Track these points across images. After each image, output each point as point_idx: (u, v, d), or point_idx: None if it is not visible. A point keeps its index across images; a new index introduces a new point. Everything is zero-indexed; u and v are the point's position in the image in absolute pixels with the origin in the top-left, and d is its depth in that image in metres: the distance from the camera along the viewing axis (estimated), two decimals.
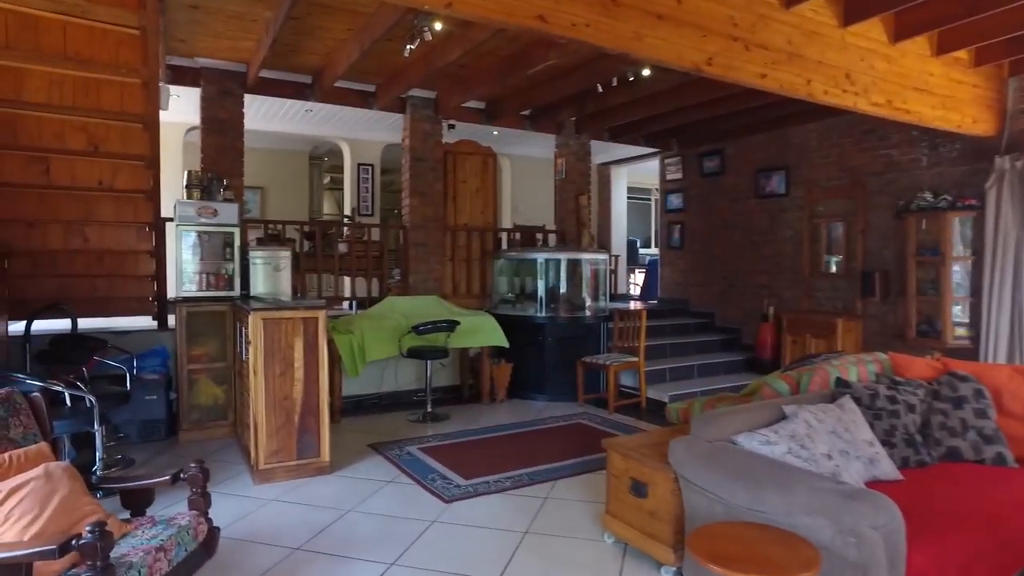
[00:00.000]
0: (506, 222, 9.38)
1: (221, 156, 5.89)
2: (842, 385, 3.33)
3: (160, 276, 5.09)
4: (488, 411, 6.38)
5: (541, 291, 7.10)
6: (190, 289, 5.31)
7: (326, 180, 13.10)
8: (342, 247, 6.96)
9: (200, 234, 5.36)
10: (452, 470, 4.54)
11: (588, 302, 7.22)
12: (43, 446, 2.56)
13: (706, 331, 8.48)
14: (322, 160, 12.74)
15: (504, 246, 7.91)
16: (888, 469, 2.88)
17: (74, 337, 4.57)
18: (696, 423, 2.95)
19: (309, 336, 4.35)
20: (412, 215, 6.81)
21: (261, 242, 6.44)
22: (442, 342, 6.20)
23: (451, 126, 7.32)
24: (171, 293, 5.53)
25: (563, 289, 7.09)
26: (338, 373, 5.90)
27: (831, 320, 6.65)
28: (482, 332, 6.48)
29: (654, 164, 10.81)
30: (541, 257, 7.13)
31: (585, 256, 7.23)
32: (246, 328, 4.42)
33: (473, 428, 5.71)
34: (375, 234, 7.05)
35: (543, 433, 5.59)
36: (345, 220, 7.81)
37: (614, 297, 7.69)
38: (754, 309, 7.98)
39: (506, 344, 6.59)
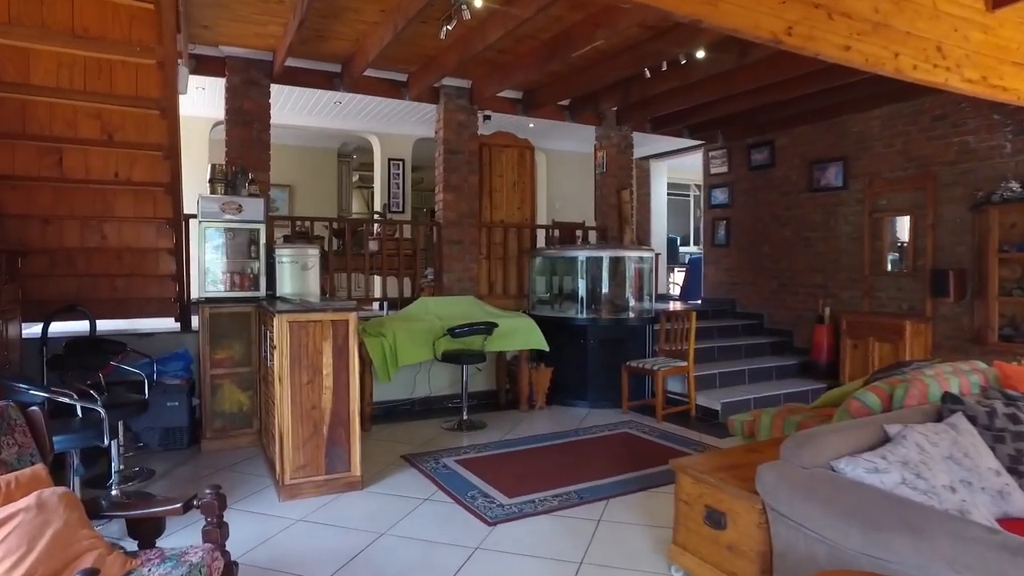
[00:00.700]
0: (542, 219, 8.98)
1: (246, 149, 5.60)
2: (952, 401, 2.87)
3: (182, 276, 4.80)
4: (527, 419, 5.99)
5: (582, 291, 6.70)
6: (214, 289, 5.02)
7: (355, 179, 12.84)
8: (372, 245, 6.64)
9: (224, 231, 5.07)
10: (493, 486, 4.16)
11: (632, 303, 6.79)
12: (38, 469, 2.23)
13: (755, 333, 8.00)
14: (351, 158, 12.48)
15: (541, 244, 7.51)
16: (1023, 504, 2.43)
17: (91, 340, 4.29)
18: (788, 446, 2.53)
19: (339, 340, 4.00)
20: (446, 211, 6.46)
21: (288, 240, 6.14)
22: (479, 345, 5.84)
23: (487, 117, 6.95)
24: (195, 293, 5.25)
25: (605, 289, 6.68)
26: (369, 378, 5.56)
27: (898, 322, 6.13)
28: (521, 334, 6.09)
29: (694, 158, 10.33)
30: (582, 255, 6.72)
31: (629, 254, 6.80)
32: (271, 331, 4.09)
33: (513, 438, 5.33)
34: (407, 231, 6.71)
35: (588, 444, 5.19)
36: (375, 216, 7.50)
37: (655, 298, 7.28)
38: (807, 310, 7.48)
39: (546, 347, 6.20)
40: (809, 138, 7.46)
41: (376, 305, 6.72)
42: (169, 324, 5.45)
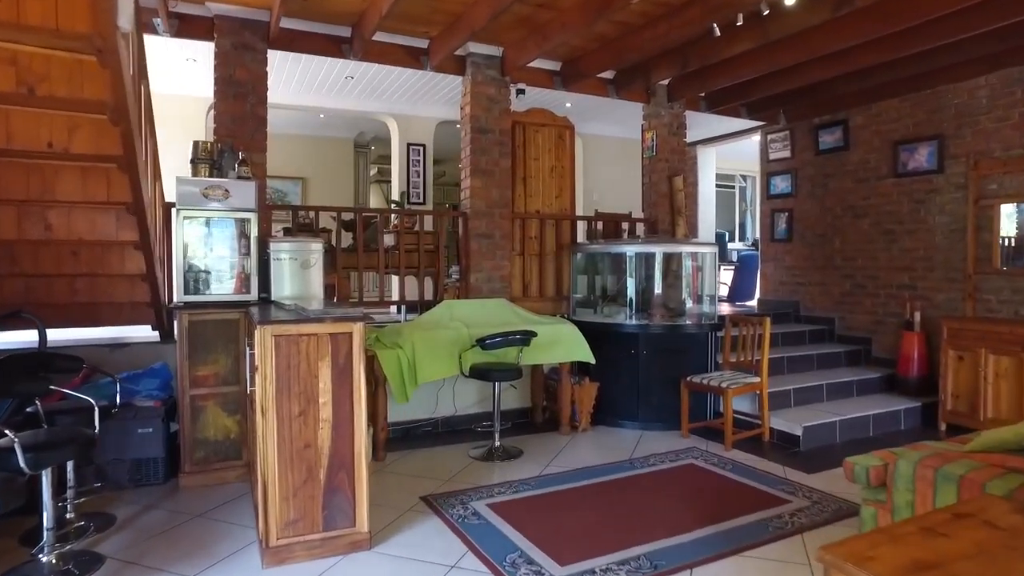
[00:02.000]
0: (580, 210, 8.04)
1: (239, 126, 4.74)
2: None
3: (154, 275, 3.94)
4: (569, 444, 5.06)
5: (631, 292, 5.74)
6: (196, 292, 4.16)
7: (372, 172, 12.02)
8: (388, 239, 5.75)
9: (208, 221, 4.21)
10: (539, 546, 3.24)
11: (690, 306, 5.83)
12: None
13: (824, 341, 6.99)
14: (368, 148, 11.64)
15: (582, 238, 6.57)
16: None
17: (36, 357, 3.44)
18: None
19: (340, 359, 3.11)
20: (473, 199, 5.55)
21: (289, 233, 5.28)
22: (513, 358, 4.92)
23: (520, 91, 6.03)
24: (177, 296, 4.39)
25: (658, 290, 5.72)
26: (383, 397, 4.67)
27: (1022, 331, 5.07)
28: (563, 345, 5.16)
29: (744, 145, 9.32)
30: (631, 250, 5.77)
31: (686, 249, 5.84)
32: (253, 346, 3.21)
33: (555, 472, 4.39)
34: (428, 223, 5.82)
35: (648, 480, 4.24)
36: (392, 206, 6.62)
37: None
38: (890, 315, 6.45)
39: (592, 359, 5.26)
40: (893, 114, 6.43)
41: (394, 309, 5.83)
42: (149, 333, 4.62)
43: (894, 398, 5.88)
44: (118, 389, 3.62)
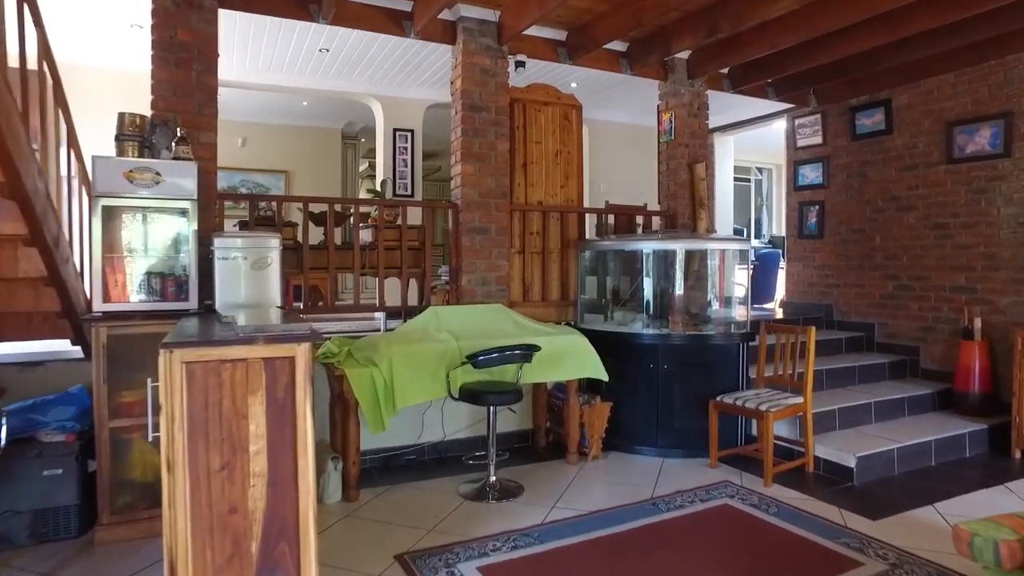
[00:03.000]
0: (587, 202, 7.23)
1: (183, 98, 3.93)
2: None
3: (61, 278, 3.14)
4: (579, 477, 4.27)
5: (648, 296, 4.94)
6: (119, 300, 3.37)
7: (362, 167, 11.23)
8: (366, 235, 4.95)
9: (137, 212, 3.42)
10: None
11: (716, 311, 5.03)
12: None
13: (863, 350, 6.20)
14: (356, 140, 10.85)
15: (590, 233, 5.76)
16: None
17: None
18: None
19: (279, 393, 2.30)
20: (465, 188, 4.75)
21: (245, 227, 4.49)
22: (512, 376, 4.13)
23: (520, 64, 5.24)
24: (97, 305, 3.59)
25: (679, 293, 4.91)
26: (355, 424, 3.87)
27: None
28: (571, 360, 4.36)
29: (764, 134, 8.52)
30: (648, 247, 4.97)
31: (712, 245, 5.04)
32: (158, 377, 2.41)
33: (564, 518, 3.60)
34: (414, 216, 5.02)
35: (676, 530, 3.44)
36: (371, 195, 5.81)
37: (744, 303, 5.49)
38: (942, 321, 5.66)
39: (605, 376, 4.47)
40: (946, 91, 5.62)
41: (379, 317, 5.02)
42: (70, 349, 3.83)
43: (953, 419, 5.08)
44: (3, 422, 2.81)
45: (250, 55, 5.87)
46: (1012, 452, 4.72)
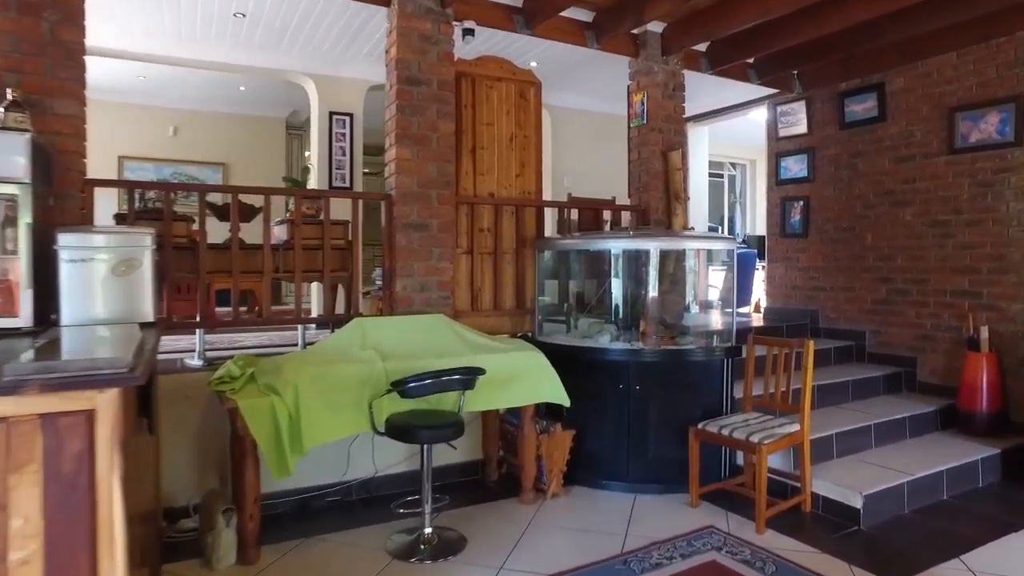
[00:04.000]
0: (548, 195, 6.51)
1: (29, 56, 3.10)
2: None
3: None
4: (535, 524, 3.54)
5: (617, 304, 4.25)
6: None
7: (309, 158, 10.35)
8: (279, 232, 4.16)
9: None
10: None
11: (697, 321, 4.36)
12: None
13: (853, 360, 5.61)
14: (302, 131, 9.98)
15: (551, 231, 5.05)
16: None
17: None
18: None
19: (64, 467, 1.53)
20: (401, 176, 3.99)
21: (123, 221, 3.67)
22: (452, 404, 3.38)
23: (467, 32, 4.49)
24: None
25: (653, 300, 4.22)
26: (254, 467, 3.08)
27: None
28: (524, 381, 3.63)
29: (740, 125, 7.93)
30: (617, 247, 4.27)
31: (691, 245, 4.36)
32: None
33: None
34: (339, 210, 4.25)
35: None
36: (287, 184, 4.99)
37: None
38: (943, 328, 5.07)
39: (566, 401, 3.75)
40: (948, 73, 5.04)
41: (305, 331, 4.21)
42: None
43: (959, 441, 4.48)
44: None
45: (155, 22, 5.01)
46: None
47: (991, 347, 4.64)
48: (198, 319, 3.64)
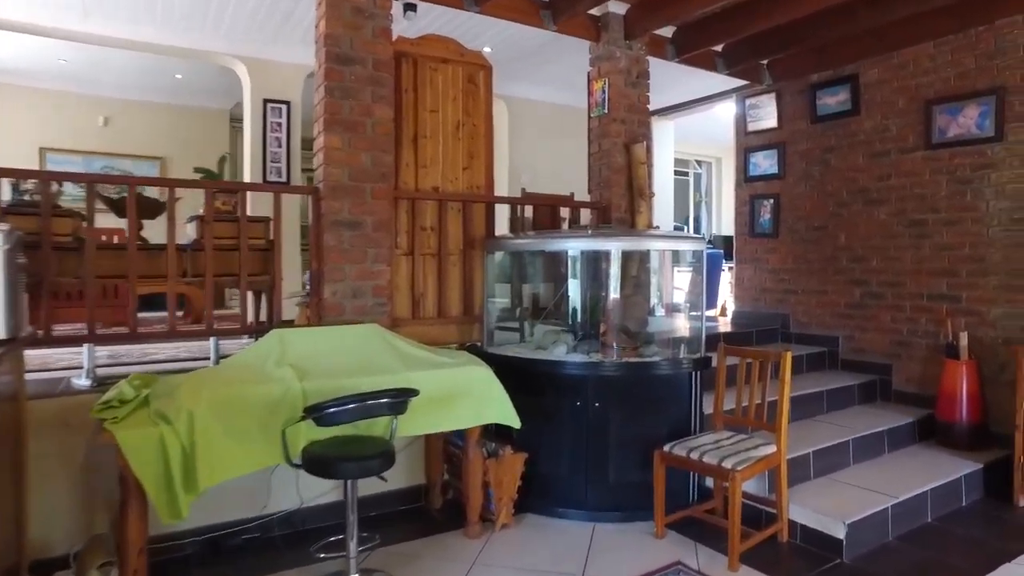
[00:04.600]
0: (502, 189, 6.09)
1: None
2: None
3: None
4: (481, 563, 3.10)
5: (575, 312, 3.84)
6: None
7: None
8: (189, 229, 3.65)
9: None
10: None
11: (664, 330, 3.97)
12: None
13: (825, 367, 5.32)
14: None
15: (504, 230, 4.62)
16: None
17: None
18: None
19: None
20: (330, 167, 3.51)
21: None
22: (383, 429, 2.93)
23: (409, 7, 4.04)
24: None
25: (615, 307, 3.82)
26: (137, 510, 2.58)
27: None
28: (468, 401, 3.19)
29: (707, 121, 7.62)
30: (574, 247, 3.86)
31: (657, 245, 3.98)
32: None
33: None
34: (259, 205, 3.75)
35: None
36: (201, 177, 4.47)
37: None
38: (919, 334, 4.79)
39: (515, 422, 3.31)
40: (924, 64, 4.75)
41: (212, 343, 3.69)
42: None
43: (940, 455, 4.19)
44: None
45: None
46: (1015, 499, 3.84)
47: (971, 354, 4.36)
48: (89, 331, 3.11)
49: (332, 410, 2.60)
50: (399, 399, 2.76)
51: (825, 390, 4.64)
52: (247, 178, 5.57)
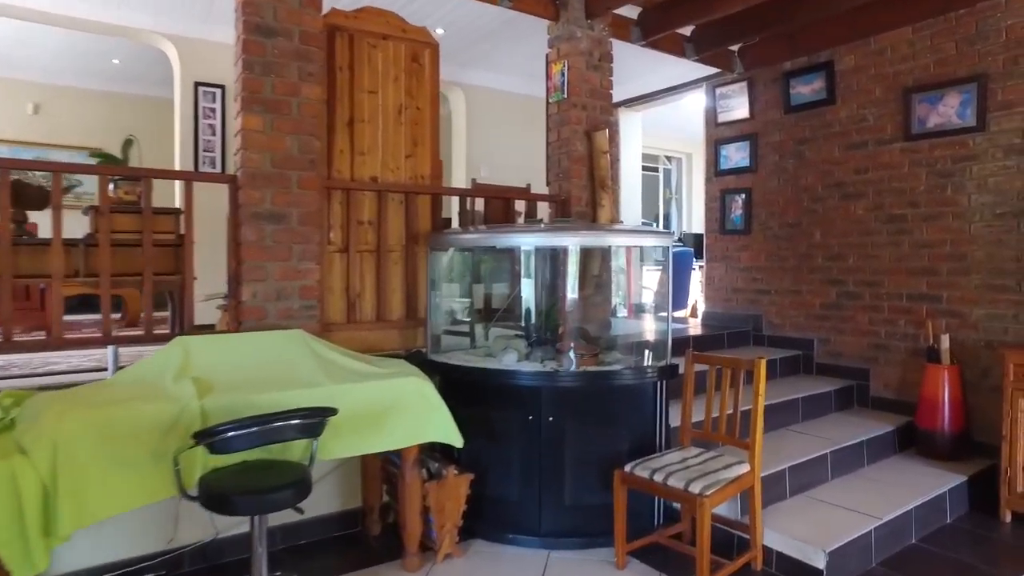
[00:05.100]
0: (457, 180, 5.69)
1: None
2: None
3: None
4: None
5: (528, 315, 3.47)
6: None
7: None
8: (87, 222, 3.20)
9: None
10: None
11: (627, 335, 3.62)
12: None
13: (800, 371, 5.05)
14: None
15: (456, 226, 4.23)
16: None
17: None
18: None
19: None
20: (250, 152, 3.09)
21: None
22: (300, 455, 2.53)
23: None
24: None
25: (573, 310, 3.45)
26: None
27: None
28: (404, 416, 2.80)
29: (678, 115, 7.32)
30: (528, 243, 3.49)
31: (619, 241, 3.62)
32: None
33: None
34: (167, 193, 3.30)
35: None
36: (97, 160, 4.01)
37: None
38: (898, 337, 4.52)
39: (457, 441, 2.93)
40: (903, 50, 4.47)
41: (109, 353, 3.24)
42: None
43: (921, 466, 3.91)
44: None
45: None
46: (1001, 514, 3.57)
47: (953, 358, 4.08)
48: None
49: (228, 435, 2.18)
50: (313, 419, 2.35)
51: (800, 397, 4.33)
52: (177, 167, 5.09)
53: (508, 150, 6.55)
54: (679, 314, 7.31)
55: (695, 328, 5.65)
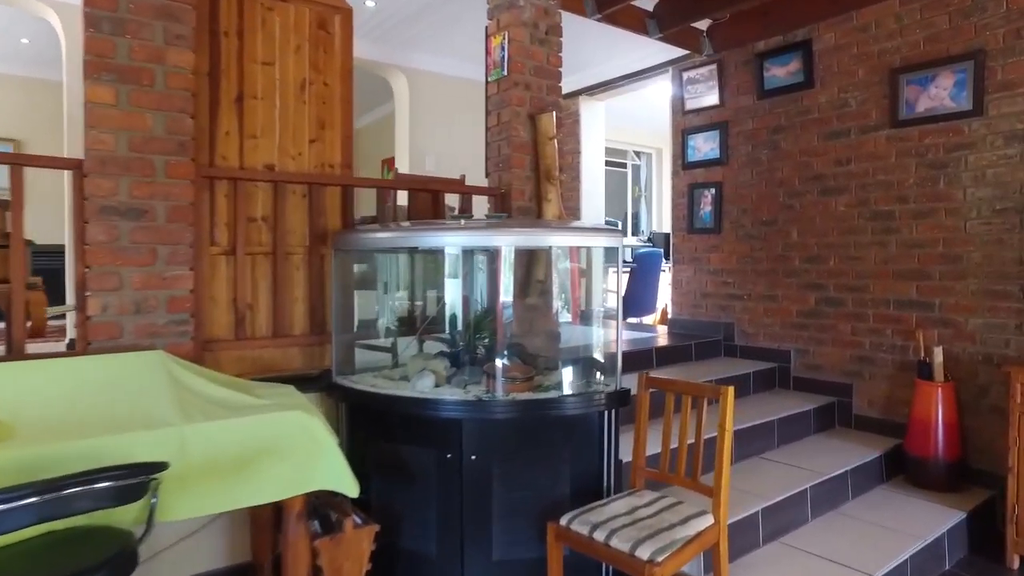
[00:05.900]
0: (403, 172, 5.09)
1: None
2: None
3: None
4: None
5: (454, 331, 2.90)
6: None
7: None
8: None
9: None
10: None
11: (569, 355, 3.06)
12: None
13: (775, 386, 4.54)
14: None
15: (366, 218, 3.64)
16: None
17: None
18: None
19: None
20: (98, 131, 2.49)
21: None
22: (133, 518, 1.93)
23: None
24: None
25: (507, 323, 2.89)
26: None
27: None
28: (284, 460, 2.20)
29: (647, 107, 6.80)
30: (453, 243, 2.91)
31: (563, 240, 3.05)
32: None
33: None
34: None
35: None
36: None
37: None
38: (884, 349, 4.02)
39: (352, 490, 2.33)
40: (889, 26, 3.98)
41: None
42: None
43: (914, 500, 3.42)
44: None
45: None
46: (1008, 558, 3.08)
47: (947, 374, 3.59)
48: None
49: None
50: (130, 481, 1.76)
51: (776, 419, 3.82)
52: (66, 154, 4.45)
53: (457, 140, 5.97)
54: (647, 320, 6.81)
55: (662, 337, 5.12)
